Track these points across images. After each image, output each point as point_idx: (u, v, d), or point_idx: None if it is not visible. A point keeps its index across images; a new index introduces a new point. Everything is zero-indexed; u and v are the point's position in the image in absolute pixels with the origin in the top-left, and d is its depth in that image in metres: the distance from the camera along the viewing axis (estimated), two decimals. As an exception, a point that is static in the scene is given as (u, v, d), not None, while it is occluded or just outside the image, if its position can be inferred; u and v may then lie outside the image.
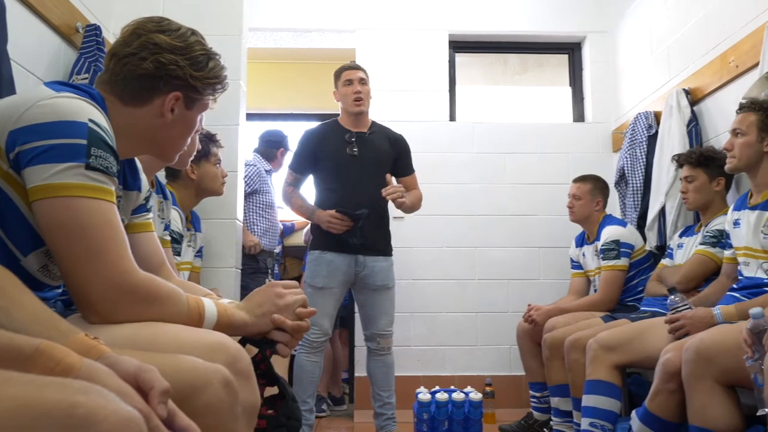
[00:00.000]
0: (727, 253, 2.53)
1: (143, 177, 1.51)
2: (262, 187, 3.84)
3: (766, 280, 2.23)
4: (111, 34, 2.85)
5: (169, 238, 2.32)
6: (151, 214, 1.53)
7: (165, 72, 1.27)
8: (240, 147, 3.11)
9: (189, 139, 1.43)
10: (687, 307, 2.31)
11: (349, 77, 3.17)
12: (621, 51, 4.26)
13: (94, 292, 1.10)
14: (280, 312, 1.31)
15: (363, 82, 3.18)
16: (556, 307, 3.38)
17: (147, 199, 1.52)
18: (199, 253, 2.83)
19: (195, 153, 2.13)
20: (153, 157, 1.49)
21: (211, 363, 1.06)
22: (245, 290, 3.06)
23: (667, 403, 2.03)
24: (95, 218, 1.10)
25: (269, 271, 3.74)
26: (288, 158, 4.06)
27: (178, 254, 2.52)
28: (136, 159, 1.47)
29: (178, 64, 1.27)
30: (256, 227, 3.75)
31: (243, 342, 1.30)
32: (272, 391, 1.36)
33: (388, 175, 3.04)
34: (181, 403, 0.83)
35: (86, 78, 2.43)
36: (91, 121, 1.13)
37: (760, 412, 1.51)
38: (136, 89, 1.28)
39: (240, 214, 3.10)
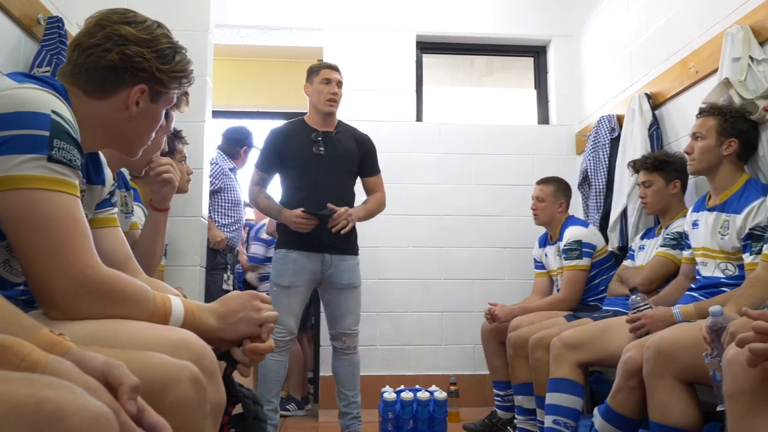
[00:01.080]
0: (686, 253, 2.59)
1: (107, 171, 1.48)
2: (226, 185, 3.81)
3: (723, 280, 2.30)
4: (74, 26, 2.79)
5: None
6: (115, 209, 1.51)
7: (130, 64, 1.25)
8: (206, 144, 3.07)
9: (153, 134, 1.40)
10: (648, 306, 2.36)
11: (329, 77, 3.15)
12: (585, 55, 4.33)
13: (56, 288, 1.07)
14: (252, 325, 1.28)
15: (340, 85, 3.18)
16: (520, 306, 3.42)
17: (111, 193, 1.49)
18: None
19: (159, 152, 2.10)
20: (116, 151, 1.46)
21: (180, 360, 1.05)
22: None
23: (629, 400, 2.07)
24: (57, 212, 1.07)
25: (228, 267, 3.69)
26: (252, 156, 4.04)
27: (142, 252, 2.47)
28: (101, 153, 1.44)
29: (144, 56, 1.25)
30: (221, 225, 3.72)
31: None
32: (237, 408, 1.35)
33: (329, 205, 3.01)
34: (150, 401, 0.82)
35: (48, 71, 2.37)
36: (54, 112, 1.10)
37: (719, 408, 1.54)
38: (100, 81, 1.25)
39: (205, 212, 3.06)
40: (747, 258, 2.18)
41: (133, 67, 1.25)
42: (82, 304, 1.10)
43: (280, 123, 3.39)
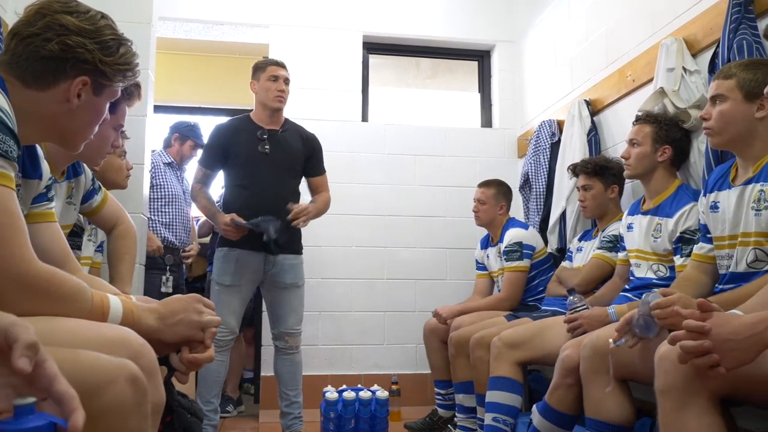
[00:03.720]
0: (621, 255, 2.68)
1: (44, 165, 1.43)
2: (159, 180, 3.70)
3: (654, 281, 2.39)
4: (14, 14, 2.68)
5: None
6: (53, 204, 1.45)
7: (72, 55, 1.21)
8: (147, 139, 3.00)
9: (96, 128, 1.36)
10: (585, 307, 2.43)
11: (276, 74, 3.12)
12: (527, 60, 4.42)
13: None
14: (193, 328, 1.25)
15: (287, 82, 3.15)
16: (462, 306, 3.46)
17: (48, 188, 1.44)
18: (99, 248, 2.70)
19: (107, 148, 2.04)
20: (57, 145, 1.41)
21: (117, 358, 1.01)
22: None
23: (566, 397, 2.13)
24: None
25: (167, 267, 3.59)
26: (190, 149, 3.96)
27: (78, 248, 2.40)
28: (38, 146, 1.39)
29: (86, 47, 1.22)
30: (157, 222, 3.62)
31: None
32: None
33: (290, 205, 2.99)
34: (83, 403, 0.78)
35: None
36: None
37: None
38: (39, 71, 1.21)
39: (146, 209, 3.00)
40: (678, 260, 2.28)
41: (75, 58, 1.21)
42: (15, 300, 1.05)
43: (223, 119, 3.33)
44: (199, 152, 3.90)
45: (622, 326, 1.75)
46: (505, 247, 3.37)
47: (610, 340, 1.75)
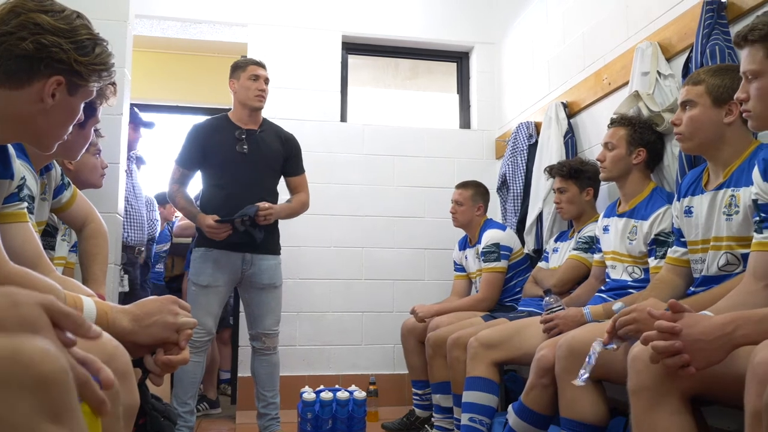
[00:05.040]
0: (596, 256, 2.72)
1: (16, 165, 1.41)
2: None
3: (629, 282, 2.42)
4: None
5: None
6: (24, 204, 1.44)
7: (46, 54, 1.20)
8: (122, 137, 2.97)
9: (70, 128, 1.35)
10: (560, 307, 2.46)
11: (257, 73, 3.11)
12: (506, 62, 4.45)
13: None
14: (168, 330, 1.24)
15: (267, 82, 3.14)
16: (440, 306, 3.48)
17: (20, 188, 1.42)
18: (74, 248, 2.67)
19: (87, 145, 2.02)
20: (30, 145, 1.39)
21: None
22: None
23: (541, 397, 2.15)
24: None
25: (121, 267, 3.53)
26: (145, 133, 3.88)
27: (52, 248, 2.37)
28: (9, 146, 1.37)
29: (61, 47, 1.21)
30: None
31: None
32: None
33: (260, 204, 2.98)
34: None
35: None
36: None
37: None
38: (12, 70, 1.20)
39: (121, 208, 2.96)
40: (652, 262, 2.31)
41: (49, 58, 1.20)
42: None
43: (201, 119, 3.31)
44: (142, 131, 3.82)
45: (612, 330, 1.74)
46: (483, 248, 3.39)
47: (600, 342, 1.74)
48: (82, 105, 1.33)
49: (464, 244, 3.70)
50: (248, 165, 3.05)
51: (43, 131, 1.30)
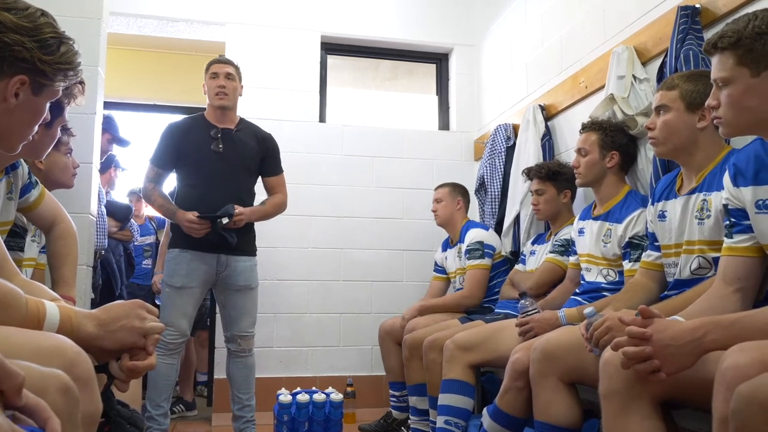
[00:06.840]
0: (572, 259, 2.73)
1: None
2: None
3: (604, 285, 2.43)
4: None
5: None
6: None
7: (9, 53, 1.17)
8: (96, 137, 2.93)
9: (36, 128, 1.32)
10: (536, 310, 2.46)
11: (216, 70, 3.08)
12: (485, 64, 4.46)
13: None
14: (135, 335, 1.22)
15: (230, 77, 3.09)
16: (422, 303, 3.46)
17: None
18: (44, 249, 2.62)
19: (52, 145, 1.98)
20: None
21: (48, 368, 0.98)
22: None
23: (516, 400, 2.15)
24: None
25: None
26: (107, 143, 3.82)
27: (21, 249, 2.32)
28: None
29: (24, 45, 1.18)
30: None
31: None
32: None
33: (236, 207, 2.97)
34: None
35: None
36: None
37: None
38: None
39: (93, 209, 2.92)
40: (626, 265, 2.32)
41: (12, 57, 1.18)
42: None
43: (178, 117, 3.27)
44: (115, 147, 3.80)
45: (589, 338, 1.75)
46: (467, 246, 3.38)
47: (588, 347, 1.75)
48: (48, 105, 1.30)
49: (447, 245, 3.70)
50: (223, 164, 3.02)
51: (6, 131, 1.27)
